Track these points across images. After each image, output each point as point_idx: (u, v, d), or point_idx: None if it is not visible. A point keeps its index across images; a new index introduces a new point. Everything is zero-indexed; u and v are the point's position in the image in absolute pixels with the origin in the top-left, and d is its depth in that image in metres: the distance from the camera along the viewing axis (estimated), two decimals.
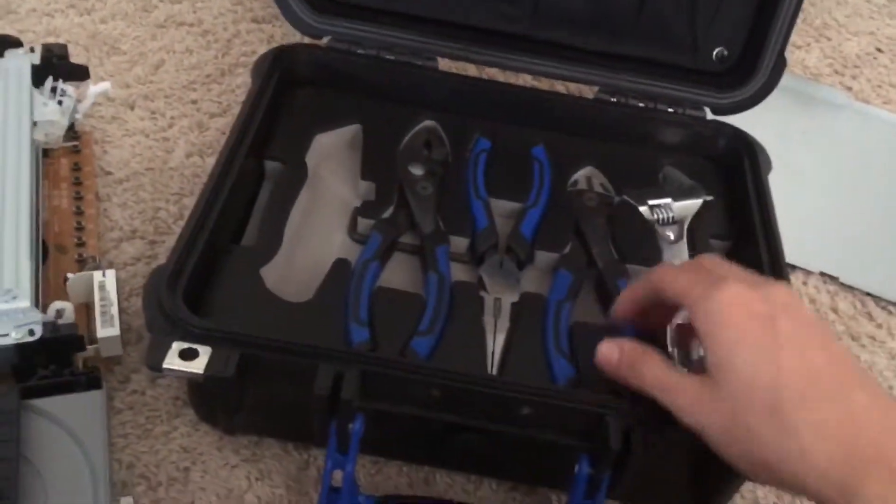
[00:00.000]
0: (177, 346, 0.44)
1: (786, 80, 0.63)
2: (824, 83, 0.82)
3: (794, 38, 0.86)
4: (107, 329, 0.51)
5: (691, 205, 0.56)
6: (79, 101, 0.64)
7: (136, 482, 0.49)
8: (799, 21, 0.87)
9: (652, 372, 0.43)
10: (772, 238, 0.55)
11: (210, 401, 0.50)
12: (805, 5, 0.89)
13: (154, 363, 0.43)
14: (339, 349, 0.47)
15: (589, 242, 0.58)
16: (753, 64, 0.62)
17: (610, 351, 0.45)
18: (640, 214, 0.56)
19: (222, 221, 0.52)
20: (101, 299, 0.52)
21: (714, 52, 0.63)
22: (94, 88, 0.64)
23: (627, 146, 0.63)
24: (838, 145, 0.75)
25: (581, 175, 0.62)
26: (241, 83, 0.72)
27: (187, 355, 0.44)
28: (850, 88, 0.82)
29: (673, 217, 0.56)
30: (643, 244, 0.57)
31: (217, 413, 0.50)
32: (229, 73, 0.73)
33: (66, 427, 0.44)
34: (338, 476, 0.44)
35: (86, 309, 0.53)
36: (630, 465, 0.44)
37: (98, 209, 0.61)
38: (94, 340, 0.51)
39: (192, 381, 0.48)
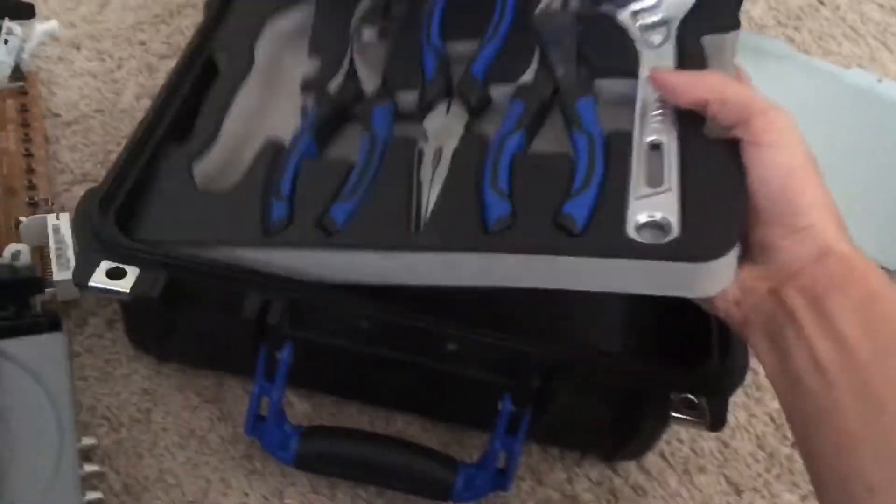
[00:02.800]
0: (105, 264, 0.44)
1: None
2: (769, 34, 0.84)
3: None
4: (63, 272, 0.50)
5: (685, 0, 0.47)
6: (24, 40, 0.62)
7: (99, 423, 0.49)
8: None
9: (714, 78, 0.42)
10: None
11: (141, 325, 0.50)
12: None
13: (81, 280, 0.43)
14: (267, 274, 0.45)
15: (554, 67, 0.49)
16: None
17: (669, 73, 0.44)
18: (617, 22, 0.48)
19: (169, 130, 0.50)
20: (56, 242, 0.51)
21: None
22: (40, 27, 0.63)
23: None
24: (782, 96, 0.77)
25: None
26: (189, 24, 0.70)
27: (115, 275, 0.44)
28: (792, 40, 0.84)
29: (662, 18, 0.47)
30: (618, 55, 0.48)
31: (149, 338, 0.50)
32: (178, 13, 0.72)
33: (28, 368, 0.44)
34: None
35: (39, 252, 0.53)
36: (551, 404, 0.44)
37: (48, 151, 0.60)
38: (50, 284, 0.51)
39: (123, 304, 0.47)
